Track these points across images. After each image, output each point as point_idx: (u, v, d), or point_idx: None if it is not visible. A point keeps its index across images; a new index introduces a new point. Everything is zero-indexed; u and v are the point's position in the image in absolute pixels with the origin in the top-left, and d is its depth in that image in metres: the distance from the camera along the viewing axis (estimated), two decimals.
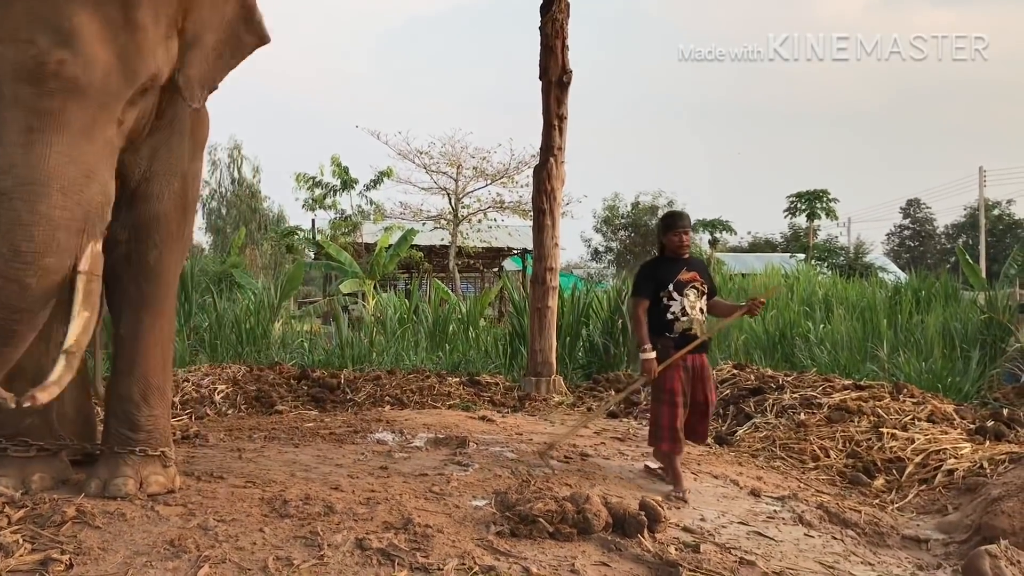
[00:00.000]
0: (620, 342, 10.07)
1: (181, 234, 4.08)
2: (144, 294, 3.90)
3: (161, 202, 3.89)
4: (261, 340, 10.84)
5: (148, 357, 3.94)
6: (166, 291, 4.00)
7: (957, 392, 8.10)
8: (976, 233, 38.15)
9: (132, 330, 3.92)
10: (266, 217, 44.00)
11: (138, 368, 3.91)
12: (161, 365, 4.02)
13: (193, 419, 6.67)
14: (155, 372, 3.97)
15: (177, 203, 3.98)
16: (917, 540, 4.34)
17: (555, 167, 8.66)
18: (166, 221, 3.92)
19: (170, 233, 3.95)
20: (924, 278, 13.79)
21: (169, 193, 3.92)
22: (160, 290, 3.95)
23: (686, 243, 4.80)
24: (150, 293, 3.91)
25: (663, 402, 4.71)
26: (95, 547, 3.10)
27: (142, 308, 3.91)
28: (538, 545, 3.47)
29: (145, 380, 3.93)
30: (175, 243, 4.01)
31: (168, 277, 4.00)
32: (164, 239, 3.92)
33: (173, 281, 4.09)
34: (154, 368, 3.97)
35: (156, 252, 3.89)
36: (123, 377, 3.94)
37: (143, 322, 3.92)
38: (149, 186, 3.85)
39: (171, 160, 3.92)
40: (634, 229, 34.88)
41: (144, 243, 3.86)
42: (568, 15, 8.70)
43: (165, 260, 3.94)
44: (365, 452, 5.21)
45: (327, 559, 3.13)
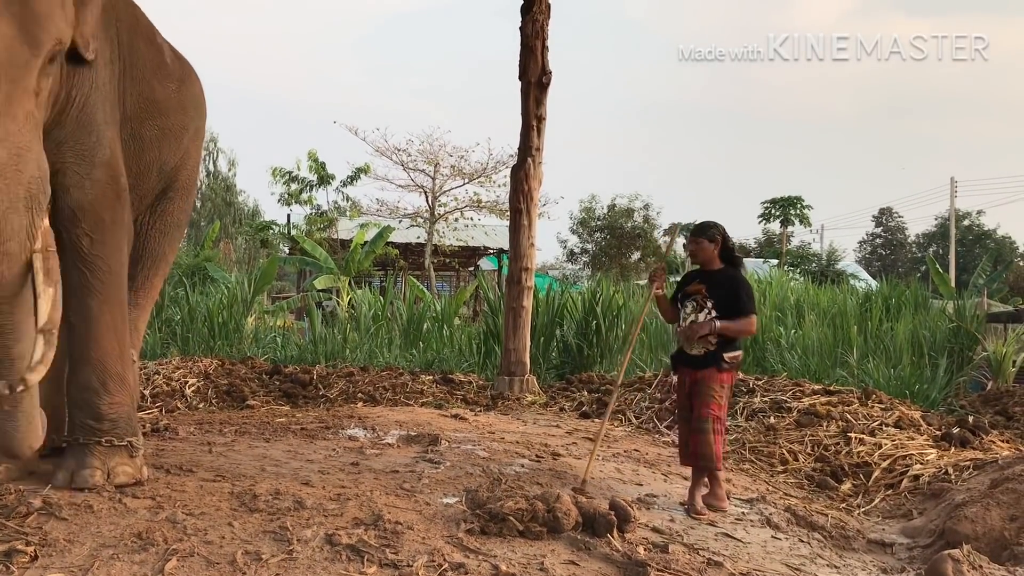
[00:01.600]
0: (594, 343, 10.11)
1: (117, 220, 3.97)
2: (87, 281, 3.84)
3: (81, 191, 3.80)
4: (233, 334, 10.78)
5: (102, 343, 3.88)
6: (109, 278, 3.92)
7: (924, 399, 8.21)
8: (946, 243, 38.63)
9: (81, 317, 3.87)
10: (241, 211, 43.70)
11: (93, 355, 3.86)
12: (117, 352, 3.96)
13: (163, 412, 6.62)
14: (111, 359, 3.91)
15: (106, 191, 3.89)
16: (882, 544, 4.40)
17: (533, 167, 8.67)
18: (92, 209, 3.83)
19: (101, 220, 3.87)
20: (895, 286, 13.95)
21: (91, 183, 3.83)
22: (103, 276, 3.88)
23: (693, 252, 4.68)
24: (93, 280, 3.85)
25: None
26: (61, 539, 3.07)
27: (87, 295, 3.85)
28: (508, 543, 3.48)
29: (102, 366, 3.87)
30: (109, 229, 3.92)
31: (109, 264, 3.91)
32: (94, 227, 3.84)
33: (117, 268, 3.99)
34: (110, 354, 3.91)
35: (88, 240, 3.82)
36: (80, 365, 3.88)
37: (91, 308, 3.86)
38: (64, 178, 3.76)
39: (83, 151, 3.82)
40: (610, 231, 34.91)
41: (73, 232, 3.79)
42: (549, 16, 8.72)
43: (100, 247, 3.86)
44: (336, 448, 5.19)
45: (296, 554, 3.12)
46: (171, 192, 4.93)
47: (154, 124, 4.51)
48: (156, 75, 4.54)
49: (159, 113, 4.55)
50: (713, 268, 4.56)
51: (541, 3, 8.64)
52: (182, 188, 5.05)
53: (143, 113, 4.41)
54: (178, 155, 4.84)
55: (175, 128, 4.71)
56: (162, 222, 4.94)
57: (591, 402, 7.81)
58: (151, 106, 4.47)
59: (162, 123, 4.57)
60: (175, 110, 4.69)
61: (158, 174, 4.71)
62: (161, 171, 4.72)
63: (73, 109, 3.76)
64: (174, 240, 5.16)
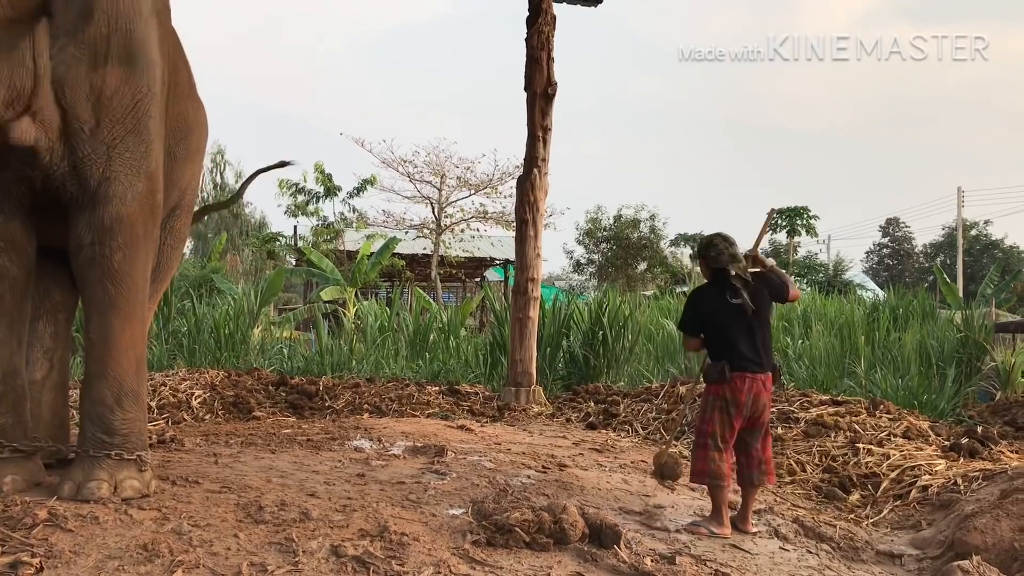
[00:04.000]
0: (600, 354, 10.09)
1: (149, 236, 4.00)
2: (111, 297, 3.83)
3: (124, 204, 3.82)
4: (240, 346, 10.77)
5: (120, 361, 3.87)
6: (134, 294, 3.92)
7: (933, 409, 8.17)
8: (954, 253, 38.54)
9: (101, 334, 3.86)
10: (248, 223, 43.83)
11: (110, 371, 3.85)
12: (134, 369, 3.95)
13: (170, 423, 6.62)
14: (128, 376, 3.90)
15: (143, 204, 3.91)
16: (891, 555, 4.37)
17: (539, 178, 8.68)
18: (130, 223, 3.85)
19: (135, 235, 3.88)
20: (902, 296, 13.93)
21: (132, 194, 3.85)
22: (128, 293, 3.87)
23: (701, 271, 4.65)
24: (117, 296, 3.84)
25: None
26: (67, 550, 3.06)
27: (110, 311, 3.84)
28: (514, 555, 3.47)
29: (118, 384, 3.86)
30: (141, 245, 3.93)
31: (136, 280, 3.92)
32: (128, 241, 3.84)
33: (142, 284, 4.00)
34: (127, 372, 3.90)
35: (120, 255, 3.82)
36: (95, 381, 3.87)
37: (112, 326, 3.85)
38: (110, 187, 3.79)
39: (132, 160, 3.85)
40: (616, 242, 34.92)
41: (107, 246, 3.79)
42: (554, 27, 8.74)
43: (131, 263, 3.87)
44: (342, 459, 5.18)
45: (302, 566, 3.11)
46: (178, 209, 5.00)
47: (184, 143, 4.62)
48: (190, 96, 4.70)
49: (189, 133, 4.67)
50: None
51: (546, 15, 8.67)
52: (188, 205, 5.14)
53: (178, 132, 4.51)
54: (192, 174, 4.97)
55: (195, 148, 4.85)
56: (172, 238, 5.00)
57: (598, 413, 7.79)
58: (184, 126, 4.59)
59: (189, 143, 4.70)
60: (196, 131, 4.82)
61: (178, 192, 4.80)
62: (179, 189, 4.82)
63: (120, 115, 3.79)
64: (179, 254, 5.26)
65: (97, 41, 3.70)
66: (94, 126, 3.74)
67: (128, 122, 3.83)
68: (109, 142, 3.77)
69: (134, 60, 3.80)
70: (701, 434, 4.32)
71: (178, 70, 4.47)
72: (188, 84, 4.72)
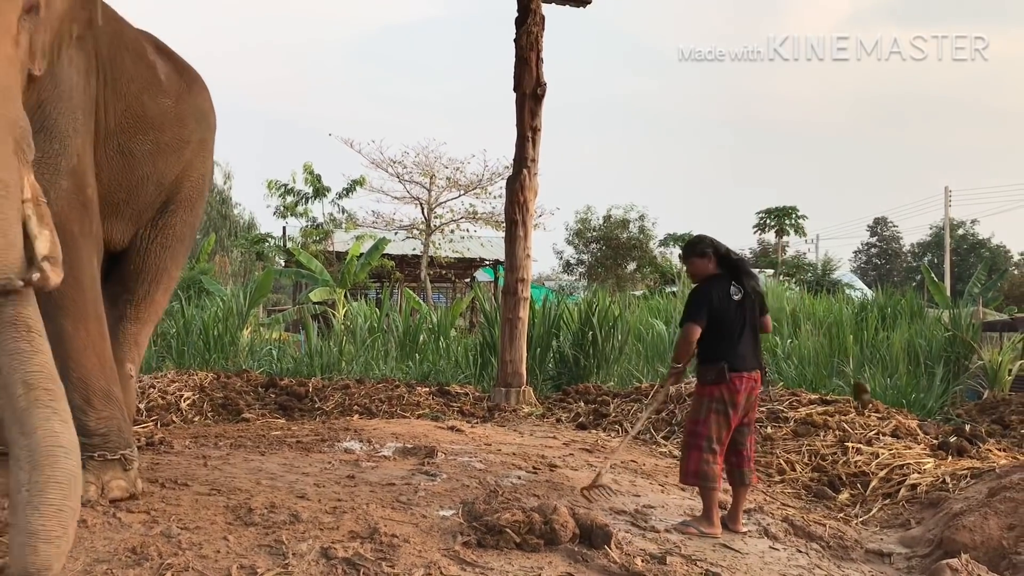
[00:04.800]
0: (590, 354, 10.10)
1: (86, 232, 3.91)
2: (56, 299, 3.67)
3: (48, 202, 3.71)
4: (229, 347, 10.73)
5: (80, 362, 3.80)
6: (81, 293, 3.83)
7: (921, 408, 8.21)
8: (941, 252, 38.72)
9: (56, 336, 3.64)
10: (236, 224, 43.66)
11: (72, 374, 3.75)
12: (98, 367, 3.88)
13: (159, 426, 6.60)
14: (93, 375, 3.84)
15: (71, 202, 3.81)
16: (880, 554, 4.39)
17: (528, 179, 8.68)
18: (58, 221, 3.59)
19: (69, 232, 3.72)
20: (890, 295, 13.98)
21: (55, 193, 3.71)
22: (73, 292, 3.76)
23: (691, 272, 4.56)
24: (62, 297, 3.69)
25: None
26: None
27: (59, 314, 3.72)
28: (504, 556, 3.47)
29: (84, 384, 3.80)
30: (79, 243, 3.83)
31: (79, 278, 3.81)
32: (62, 239, 3.62)
33: (88, 281, 3.91)
34: (90, 371, 3.83)
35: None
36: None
37: (64, 328, 3.76)
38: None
39: (46, 160, 3.72)
40: (606, 242, 34.95)
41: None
42: (543, 28, 8.74)
43: (70, 262, 3.64)
44: (332, 461, 5.17)
45: (292, 568, 3.10)
46: (172, 205, 4.89)
47: (146, 139, 4.50)
48: (147, 91, 4.54)
49: (152, 128, 4.54)
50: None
51: (535, 15, 8.67)
52: (184, 201, 4.99)
53: (131, 128, 4.40)
54: (177, 168, 4.81)
55: (172, 142, 4.70)
56: (163, 236, 4.88)
57: (588, 413, 7.80)
58: (141, 121, 4.47)
59: (156, 137, 4.57)
60: (172, 124, 4.69)
61: (156, 188, 4.69)
62: (159, 185, 4.70)
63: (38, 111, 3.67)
64: (177, 254, 5.07)
65: None
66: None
67: (35, 121, 3.63)
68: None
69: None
70: (695, 435, 4.27)
71: (116, 65, 4.29)
72: (143, 77, 4.52)
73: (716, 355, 4.26)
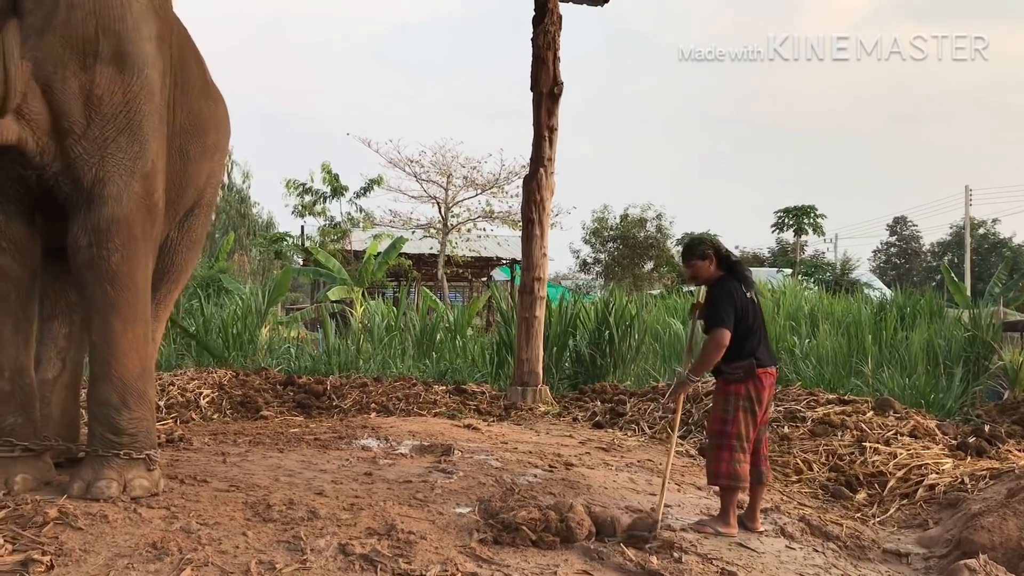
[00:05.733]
0: (607, 353, 10.10)
1: (147, 236, 3.99)
2: (111, 299, 3.82)
3: (119, 205, 3.80)
4: (248, 345, 10.82)
5: (124, 363, 3.87)
6: (135, 296, 3.91)
7: (940, 408, 8.15)
8: (961, 252, 38.40)
9: (103, 336, 3.86)
10: (255, 223, 43.85)
11: (114, 373, 3.85)
12: (139, 370, 3.94)
13: (178, 423, 6.66)
14: (132, 377, 3.90)
15: (139, 205, 3.89)
16: (898, 554, 4.37)
17: (545, 178, 8.69)
18: (127, 224, 3.83)
19: (133, 236, 3.86)
20: (909, 295, 13.87)
21: (128, 195, 3.83)
22: (128, 295, 3.86)
23: (692, 275, 4.47)
24: (117, 298, 3.82)
25: None
26: (76, 548, 3.09)
27: (111, 314, 3.83)
28: (521, 553, 3.48)
29: (123, 384, 3.86)
30: (140, 246, 3.92)
31: (135, 281, 3.91)
32: (126, 243, 3.83)
33: (143, 285, 3.99)
34: (131, 373, 3.89)
35: (118, 256, 3.80)
36: (100, 383, 3.88)
37: (114, 328, 3.84)
38: (104, 188, 3.77)
39: (126, 161, 3.82)
40: (622, 241, 34.86)
41: (104, 247, 3.78)
42: (560, 27, 8.75)
43: (129, 264, 3.85)
44: (350, 458, 5.20)
45: (310, 564, 3.13)
46: (197, 209, 5.00)
47: (199, 142, 4.62)
48: (203, 94, 4.68)
49: (203, 131, 4.66)
50: (712, 284, 4.39)
51: (552, 14, 8.68)
52: (206, 205, 5.14)
53: (191, 130, 4.50)
54: (208, 172, 4.95)
55: (211, 147, 4.84)
56: (188, 238, 4.99)
57: (604, 412, 7.80)
58: (198, 124, 4.58)
59: (204, 141, 4.69)
60: (213, 129, 4.82)
61: (194, 190, 4.79)
62: (196, 187, 4.81)
63: (110, 107, 3.77)
64: (195, 255, 5.22)
65: (84, 41, 3.68)
66: (85, 126, 3.72)
67: (120, 121, 3.80)
68: (101, 142, 3.75)
69: (124, 59, 3.78)
70: (725, 435, 4.19)
71: (186, 67, 4.45)
72: (201, 81, 4.70)
73: (742, 352, 4.20)
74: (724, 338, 4.14)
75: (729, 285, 4.30)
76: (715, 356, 4.17)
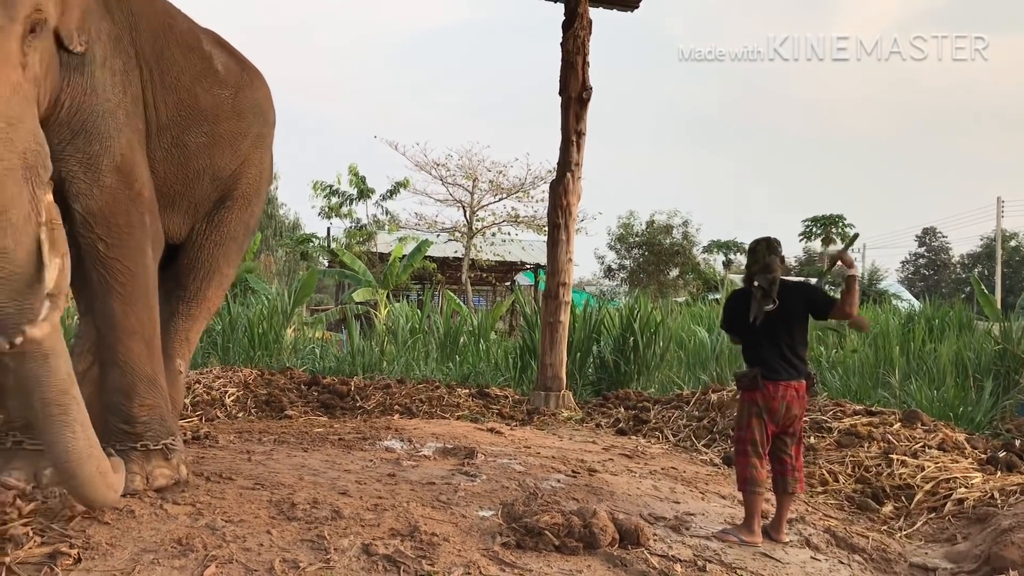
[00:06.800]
0: (631, 360, 10.05)
1: (134, 223, 3.93)
2: (106, 281, 3.83)
3: (91, 199, 3.77)
4: (273, 345, 10.88)
5: (128, 345, 3.86)
6: (131, 279, 3.89)
7: (969, 422, 8.04)
8: (992, 264, 37.93)
9: (104, 317, 3.87)
10: (282, 224, 44.19)
11: (120, 357, 3.85)
12: (146, 353, 3.93)
13: (203, 421, 6.71)
14: (139, 360, 3.89)
15: (117, 196, 3.85)
16: (925, 568, 4.31)
17: (572, 182, 8.67)
18: (103, 216, 3.80)
19: (115, 225, 3.83)
20: (938, 307, 13.71)
21: (98, 190, 3.78)
22: (123, 277, 3.86)
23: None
24: (112, 280, 3.83)
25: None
26: (103, 542, 3.12)
27: (109, 297, 3.84)
28: (543, 558, 3.47)
29: (130, 368, 3.86)
30: (126, 233, 3.88)
31: (129, 265, 3.88)
32: (108, 232, 3.81)
33: (139, 270, 3.94)
34: (137, 356, 3.88)
35: (103, 244, 3.80)
36: (108, 368, 3.89)
37: (114, 311, 3.84)
38: (71, 187, 3.74)
39: (87, 160, 3.77)
40: (648, 248, 34.79)
41: (88, 237, 3.79)
42: (590, 32, 8.73)
43: (118, 250, 3.84)
44: (373, 459, 5.22)
45: (333, 563, 3.14)
46: (228, 201, 4.88)
47: (200, 131, 4.50)
48: (199, 82, 4.52)
49: (206, 120, 4.53)
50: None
51: (582, 19, 8.67)
52: (241, 197, 4.95)
53: (185, 121, 4.41)
54: (234, 162, 4.80)
55: (228, 135, 4.69)
56: (218, 233, 4.85)
57: (628, 419, 7.76)
58: (194, 113, 4.47)
59: (211, 129, 4.56)
60: (228, 117, 4.68)
61: (212, 181, 4.68)
62: (215, 178, 4.70)
63: (63, 113, 3.70)
64: (230, 252, 5.00)
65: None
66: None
67: (74, 125, 3.75)
68: (56, 146, 3.63)
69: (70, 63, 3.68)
70: (741, 441, 4.29)
71: (164, 59, 4.31)
72: (196, 70, 4.52)
73: (749, 360, 4.35)
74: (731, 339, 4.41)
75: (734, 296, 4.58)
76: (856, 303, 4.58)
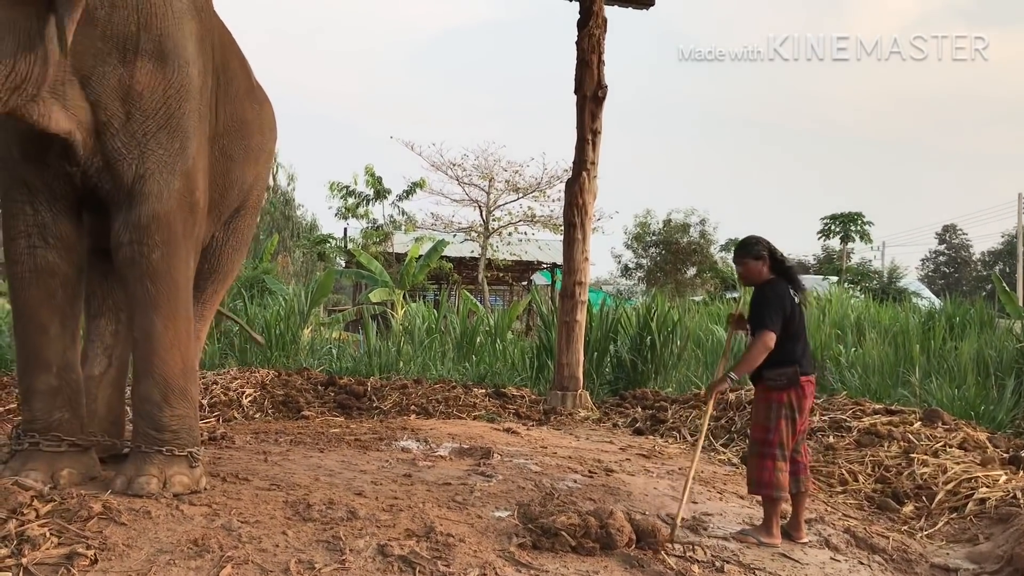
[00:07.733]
0: (648, 359, 10.01)
1: (188, 234, 4.01)
2: (152, 296, 3.84)
3: (160, 202, 3.82)
4: (290, 345, 10.91)
5: (165, 359, 3.89)
6: (176, 292, 3.93)
7: (990, 421, 7.95)
8: (1013, 261, 37.58)
9: (145, 332, 3.89)
10: (299, 225, 44.30)
11: (156, 370, 3.87)
12: (180, 367, 3.96)
13: (220, 421, 6.73)
14: (174, 373, 3.92)
15: (180, 202, 3.91)
16: (946, 569, 4.26)
17: (587, 181, 8.65)
18: (167, 221, 3.85)
19: (174, 233, 3.88)
20: (959, 305, 13.58)
21: (169, 192, 3.84)
22: (168, 291, 3.88)
23: (742, 274, 4.39)
24: (158, 295, 3.84)
25: None
26: (120, 543, 3.13)
27: (152, 310, 3.85)
28: (560, 559, 3.46)
29: (164, 382, 3.89)
30: (180, 243, 3.94)
31: (176, 278, 3.92)
32: (167, 240, 3.85)
33: (184, 283, 4.00)
34: (172, 369, 3.91)
35: (159, 253, 3.82)
36: (143, 379, 3.92)
37: (155, 324, 3.86)
38: (144, 184, 3.79)
39: (166, 157, 3.84)
40: (665, 247, 34.66)
41: (145, 244, 3.80)
42: (605, 31, 8.70)
43: (170, 261, 3.87)
44: (389, 459, 5.21)
45: (349, 564, 3.14)
46: (243, 210, 5.06)
47: (241, 143, 4.66)
48: (247, 96, 4.73)
49: (247, 133, 4.70)
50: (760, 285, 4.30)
51: (597, 17, 8.64)
52: (252, 207, 5.19)
53: (233, 132, 4.54)
54: (253, 174, 4.98)
55: (256, 149, 4.88)
56: (234, 239, 5.06)
57: (645, 418, 7.73)
58: (241, 126, 4.62)
59: (248, 143, 4.73)
60: (257, 131, 4.86)
61: (239, 191, 4.83)
62: (241, 189, 4.86)
63: (163, 109, 3.81)
64: (240, 256, 5.28)
65: (125, 36, 3.70)
66: (124, 120, 3.75)
67: (160, 117, 3.82)
68: (140, 137, 3.77)
69: (165, 56, 3.81)
70: (767, 444, 4.11)
71: (229, 69, 4.48)
72: (245, 84, 4.73)
73: (787, 358, 4.11)
74: (770, 340, 4.06)
75: (780, 287, 4.23)
76: (759, 357, 4.08)
